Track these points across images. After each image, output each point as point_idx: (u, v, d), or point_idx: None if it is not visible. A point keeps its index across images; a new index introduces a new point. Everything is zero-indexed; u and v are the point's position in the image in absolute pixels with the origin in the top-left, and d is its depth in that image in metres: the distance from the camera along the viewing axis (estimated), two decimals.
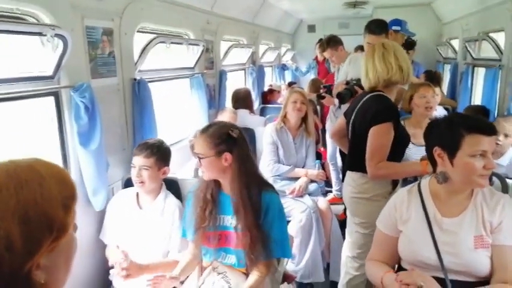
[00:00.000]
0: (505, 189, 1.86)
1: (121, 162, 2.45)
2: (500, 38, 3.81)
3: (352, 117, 2.26)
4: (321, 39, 6.80)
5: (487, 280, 1.51)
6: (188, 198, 1.98)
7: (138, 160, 2.12)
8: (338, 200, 4.16)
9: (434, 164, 1.61)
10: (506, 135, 2.81)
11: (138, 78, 2.56)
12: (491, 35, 3.96)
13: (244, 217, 1.76)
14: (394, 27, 3.60)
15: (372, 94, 2.17)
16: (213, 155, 1.76)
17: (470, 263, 1.51)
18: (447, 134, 1.52)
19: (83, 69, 2.12)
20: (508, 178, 2.04)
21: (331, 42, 4.16)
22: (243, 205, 1.76)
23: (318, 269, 2.93)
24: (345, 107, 2.86)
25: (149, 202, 2.19)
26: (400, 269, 1.70)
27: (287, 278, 2.24)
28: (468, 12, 4.90)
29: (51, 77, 1.95)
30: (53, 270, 0.76)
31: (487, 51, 4.45)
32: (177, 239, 2.11)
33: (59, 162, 2.09)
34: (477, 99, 4.42)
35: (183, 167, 2.91)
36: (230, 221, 1.85)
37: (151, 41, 2.67)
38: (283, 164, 3.15)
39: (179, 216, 2.14)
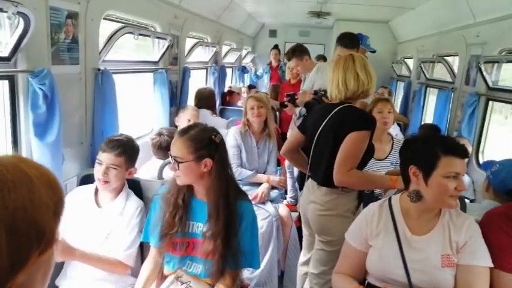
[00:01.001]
0: (463, 209, 1.93)
1: (77, 157, 2.27)
2: (454, 61, 4.05)
3: (319, 130, 2.19)
4: (276, 45, 6.88)
5: None
6: (154, 201, 1.86)
7: (107, 158, 1.98)
8: (292, 207, 4.18)
9: (407, 181, 1.63)
10: None
11: (102, 68, 2.39)
12: (446, 58, 4.19)
13: (218, 225, 1.67)
14: None
15: (344, 105, 2.16)
16: (193, 160, 1.66)
17: (436, 281, 1.54)
18: (424, 154, 1.55)
19: (43, 54, 1.93)
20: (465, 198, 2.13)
21: (297, 52, 4.07)
22: (219, 212, 1.68)
23: (273, 277, 2.90)
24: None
25: (109, 201, 2.05)
26: (369, 285, 1.69)
27: (242, 286, 2.18)
28: (424, 34, 5.17)
29: (7, 59, 1.76)
30: (29, 287, 0.64)
31: (439, 72, 4.72)
32: (128, 239, 1.98)
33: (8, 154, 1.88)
34: (428, 118, 4.67)
35: (142, 166, 2.75)
36: (201, 228, 1.75)
37: (118, 30, 2.51)
38: (246, 169, 3.11)
39: (138, 215, 2.02)
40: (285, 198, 4.36)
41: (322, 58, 5.50)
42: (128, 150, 2.03)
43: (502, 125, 3.92)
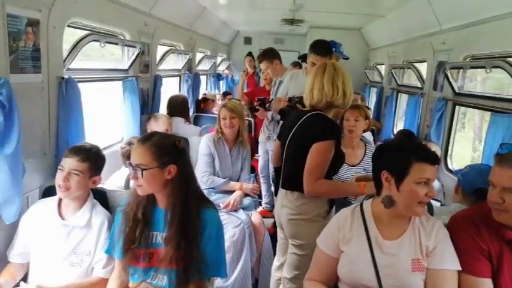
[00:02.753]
0: (430, 212, 1.95)
1: (40, 169, 2.19)
2: (423, 68, 4.14)
3: (290, 136, 2.23)
4: (249, 53, 6.91)
5: None
6: (117, 213, 1.82)
7: (70, 163, 1.92)
8: (268, 214, 4.16)
9: (379, 186, 1.65)
10: None
11: (66, 77, 2.32)
12: (415, 64, 4.29)
13: (177, 232, 1.64)
14: None
15: (313, 113, 2.18)
16: (157, 167, 1.63)
17: (407, 285, 1.55)
18: (396, 160, 1.57)
19: (0, 62, 1.86)
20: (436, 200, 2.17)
21: (267, 55, 4.16)
22: (177, 219, 1.65)
23: (246, 285, 2.87)
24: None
25: (73, 212, 1.97)
26: None
27: None
28: (394, 41, 5.28)
29: None
30: None
31: (409, 78, 4.83)
32: (103, 256, 1.92)
33: None
34: (400, 122, 4.76)
35: (111, 176, 2.69)
36: (164, 237, 1.71)
37: (83, 37, 2.45)
38: (219, 177, 3.08)
39: (107, 228, 1.95)
40: (261, 205, 4.35)
41: (298, 65, 5.53)
42: (92, 156, 1.97)
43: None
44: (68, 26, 2.42)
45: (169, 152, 1.65)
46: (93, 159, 1.98)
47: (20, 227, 1.97)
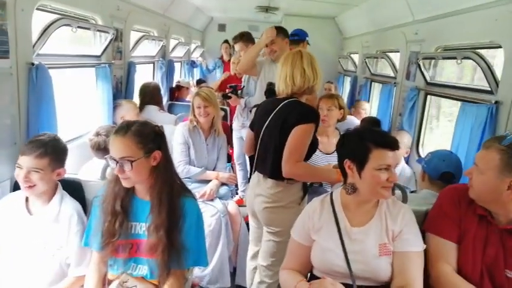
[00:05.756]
0: (405, 198, 2.02)
1: (10, 159, 2.10)
2: (396, 58, 4.22)
3: (266, 124, 2.24)
4: (226, 40, 6.84)
5: (388, 284, 1.61)
6: (93, 204, 1.78)
7: (27, 161, 1.80)
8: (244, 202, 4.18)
9: (345, 175, 1.69)
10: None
11: (36, 62, 2.23)
12: (388, 54, 4.37)
13: (161, 222, 1.63)
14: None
15: (290, 100, 2.20)
16: (143, 156, 1.61)
17: (375, 269, 1.60)
18: (357, 148, 1.61)
19: None
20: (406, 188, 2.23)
21: (245, 37, 4.24)
22: (161, 204, 1.64)
23: (224, 274, 2.89)
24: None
25: (41, 206, 1.89)
26: (312, 277, 1.74)
27: (193, 286, 2.15)
28: (367, 31, 5.35)
29: None
30: None
31: (383, 67, 4.91)
32: (75, 251, 1.87)
33: None
34: (373, 111, 4.85)
35: (83, 166, 2.61)
36: (144, 227, 1.70)
37: (54, 22, 2.35)
38: (194, 166, 3.05)
39: (77, 221, 1.89)
40: (237, 193, 4.36)
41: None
42: (50, 150, 1.84)
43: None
44: (37, 9, 2.32)
45: (151, 138, 1.64)
46: (52, 153, 1.86)
47: None
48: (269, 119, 2.23)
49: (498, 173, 1.54)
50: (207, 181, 3.04)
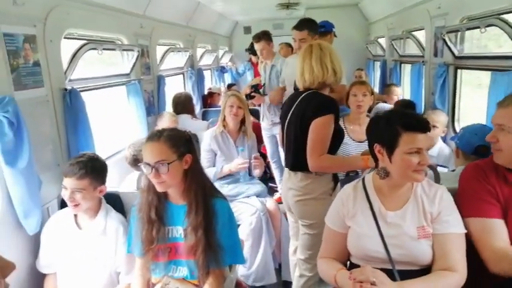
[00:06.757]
0: (437, 178, 1.97)
1: (56, 179, 2.26)
2: (422, 35, 4.08)
3: (288, 117, 2.28)
4: (251, 44, 6.90)
5: (429, 267, 1.58)
6: (131, 213, 1.88)
7: (70, 182, 1.93)
8: None
9: (376, 159, 1.66)
10: (434, 127, 3.01)
11: (69, 88, 2.39)
12: (414, 33, 4.23)
13: (198, 223, 1.70)
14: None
15: (308, 92, 2.22)
16: (177, 159, 1.68)
17: (414, 253, 1.57)
18: (385, 132, 1.57)
19: (3, 81, 1.93)
20: (438, 166, 2.18)
21: (266, 36, 4.28)
22: (198, 210, 1.71)
23: (269, 271, 2.93)
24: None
25: (88, 220, 2.04)
26: (352, 265, 1.73)
27: (238, 285, 2.20)
28: (390, 13, 5.21)
29: None
30: None
31: (411, 48, 4.77)
32: (124, 260, 1.99)
33: None
34: (406, 93, 4.71)
35: (124, 179, 2.76)
36: (180, 231, 1.78)
37: (80, 47, 2.51)
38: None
39: (123, 232, 2.01)
40: (276, 191, 4.38)
41: (288, 45, 5.47)
42: (90, 171, 1.96)
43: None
44: (65, 37, 2.48)
45: (183, 142, 1.72)
46: (92, 172, 1.97)
47: (42, 238, 2.06)
48: (291, 112, 2.27)
49: None
50: (239, 178, 3.10)
